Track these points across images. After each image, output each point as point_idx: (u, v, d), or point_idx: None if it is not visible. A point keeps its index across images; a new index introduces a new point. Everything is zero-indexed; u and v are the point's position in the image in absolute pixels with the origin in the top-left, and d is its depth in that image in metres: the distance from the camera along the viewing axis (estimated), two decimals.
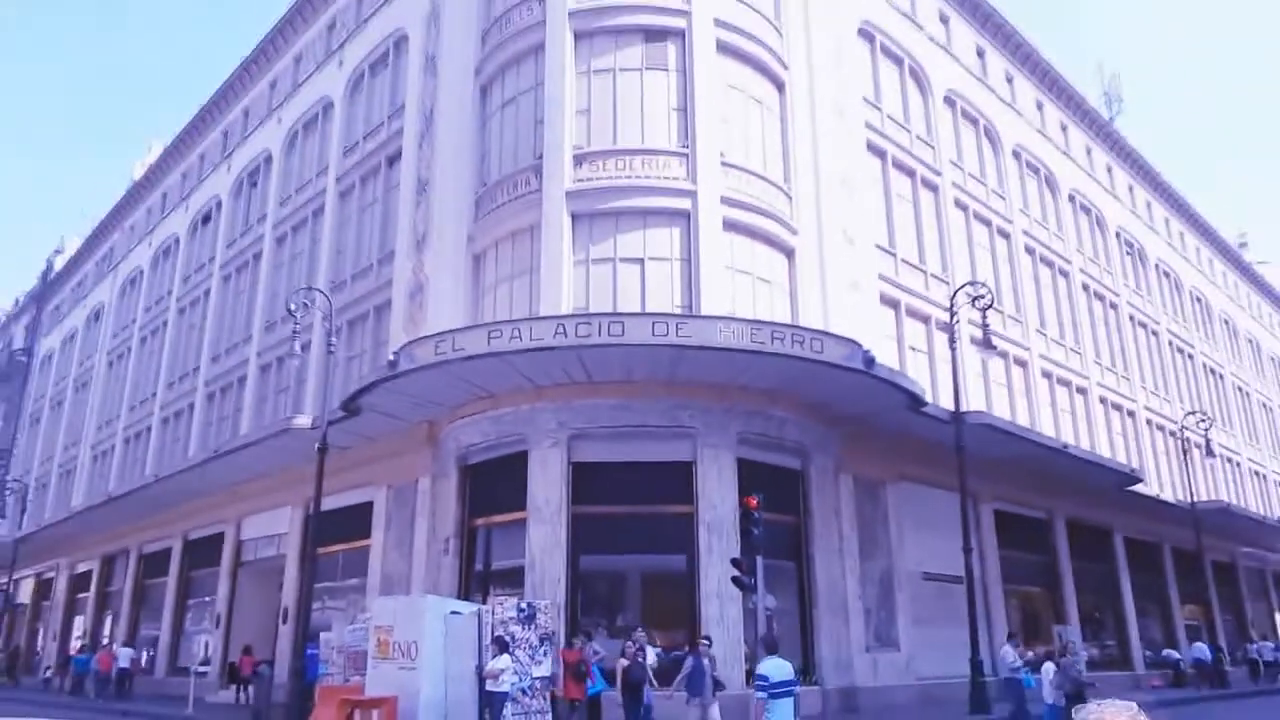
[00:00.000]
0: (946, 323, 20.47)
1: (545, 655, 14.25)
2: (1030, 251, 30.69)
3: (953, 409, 18.87)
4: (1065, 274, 32.49)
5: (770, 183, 20.61)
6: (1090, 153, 37.90)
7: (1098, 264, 35.13)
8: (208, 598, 27.88)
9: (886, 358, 21.07)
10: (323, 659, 16.67)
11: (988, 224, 28.88)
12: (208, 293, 32.76)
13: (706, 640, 14.14)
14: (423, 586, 18.52)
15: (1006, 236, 29.57)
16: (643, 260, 18.80)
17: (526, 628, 14.17)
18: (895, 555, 20.59)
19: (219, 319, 31.48)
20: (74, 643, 35.41)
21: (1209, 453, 31.45)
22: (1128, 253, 38.29)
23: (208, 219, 35.02)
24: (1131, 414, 33.91)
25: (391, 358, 17.41)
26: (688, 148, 19.45)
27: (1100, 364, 32.63)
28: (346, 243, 25.93)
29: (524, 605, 14.59)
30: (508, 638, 13.58)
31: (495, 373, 16.97)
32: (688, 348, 15.87)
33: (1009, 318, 27.84)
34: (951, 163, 27.84)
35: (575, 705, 14.31)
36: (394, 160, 24.66)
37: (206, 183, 35.92)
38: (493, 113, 21.67)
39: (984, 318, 18.81)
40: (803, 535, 18.71)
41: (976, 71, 31.01)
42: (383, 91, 26.46)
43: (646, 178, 19.19)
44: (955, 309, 19.39)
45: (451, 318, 19.82)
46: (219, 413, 29.86)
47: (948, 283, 24.93)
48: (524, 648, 13.99)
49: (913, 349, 23.94)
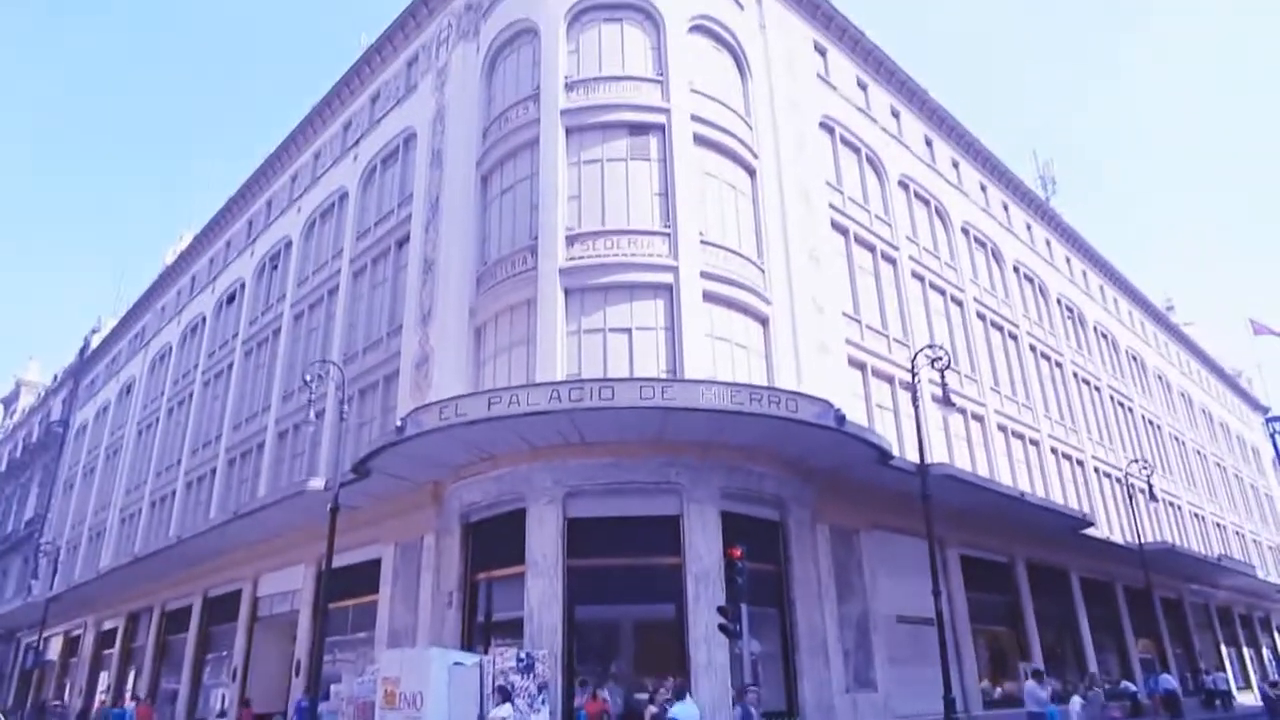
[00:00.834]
0: (909, 382, 20.38)
1: (544, 704, 13.74)
2: (981, 317, 30.88)
3: (918, 462, 18.64)
4: (1014, 337, 32.66)
5: (745, 258, 20.71)
6: (1030, 228, 38.48)
7: (1042, 327, 35.37)
8: (225, 652, 26.94)
9: (856, 415, 20.95)
10: (332, 709, 16.02)
11: (942, 292, 29.09)
12: (230, 366, 32.47)
13: (755, 690, 13.28)
14: (428, 639, 17.92)
15: (960, 303, 29.77)
16: (630, 330, 18.73)
17: (526, 677, 13.70)
18: (870, 599, 20.13)
19: (240, 390, 31.15)
20: (98, 697, 34.09)
21: (1152, 497, 31.20)
22: (1068, 317, 38.61)
23: (232, 299, 34.92)
24: (1080, 463, 33.75)
25: (399, 423, 17.19)
26: (669, 228, 19.57)
27: (1050, 418, 32.59)
28: (358, 318, 25.83)
29: (523, 655, 14.13)
30: (509, 686, 13.09)
31: (495, 436, 16.73)
32: (673, 409, 15.71)
33: (966, 377, 27.86)
34: (908, 238, 28.16)
35: None
36: (403, 243, 24.74)
37: (232, 266, 35.93)
38: (492, 199, 21.81)
39: (943, 377, 18.72)
40: (784, 582, 18.28)
41: (926, 158, 31.60)
42: (393, 182, 26.68)
43: (632, 255, 19.26)
44: (916, 370, 19.32)
45: (454, 385, 19.63)
46: (239, 476, 29.30)
47: (909, 346, 24.99)
48: (524, 696, 13.49)
49: (879, 407, 23.82)
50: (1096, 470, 34.59)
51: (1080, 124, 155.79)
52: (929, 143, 32.33)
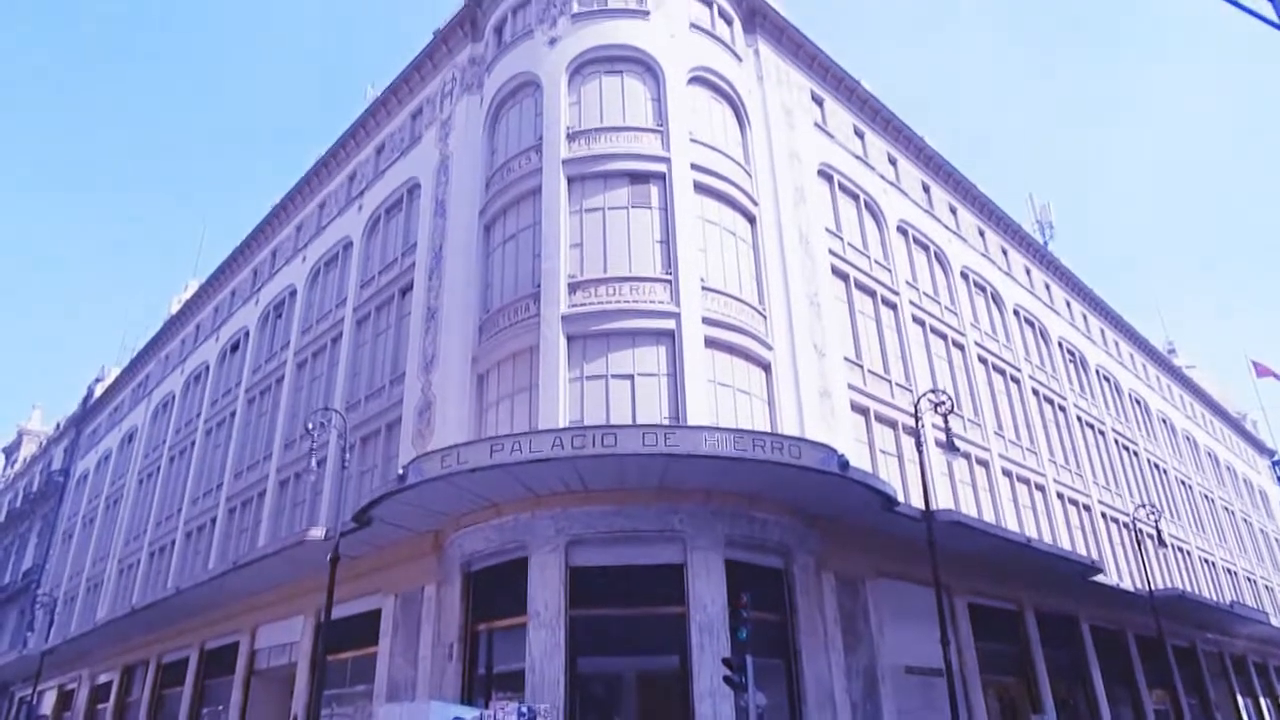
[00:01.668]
0: (912, 427, 20.26)
1: None
2: (983, 361, 30.84)
3: (923, 508, 18.43)
4: (1016, 380, 32.58)
5: (746, 304, 20.77)
6: (1030, 272, 38.65)
7: (1044, 371, 35.30)
8: (221, 706, 26.35)
9: (860, 461, 20.80)
10: None
11: (944, 337, 29.10)
12: (233, 414, 32.40)
13: None
14: (427, 691, 17.55)
15: (961, 347, 29.76)
16: (632, 376, 18.71)
17: None
18: (877, 650, 19.73)
19: (242, 438, 31.03)
20: None
21: (1160, 543, 30.74)
22: (1070, 360, 38.55)
23: (236, 347, 35.00)
24: (1087, 508, 33.39)
25: (401, 471, 17.07)
26: (671, 275, 19.67)
27: (1055, 462, 32.33)
28: (361, 365, 25.84)
29: (525, 709, 13.79)
30: None
31: (498, 483, 16.59)
32: (676, 456, 15.60)
33: (969, 421, 27.71)
34: (908, 283, 28.27)
35: None
36: (406, 291, 24.86)
37: (237, 315, 36.08)
38: (495, 248, 21.98)
39: (945, 422, 18.61)
40: (789, 632, 17.94)
41: (924, 204, 31.89)
42: (397, 231, 26.91)
43: (634, 302, 19.32)
44: (919, 415, 19.22)
45: (457, 433, 19.54)
46: (239, 526, 29.03)
47: (911, 390, 24.91)
48: None
49: (883, 452, 23.65)
50: (1103, 515, 34.19)
51: (1077, 167, 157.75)
52: (926, 189, 32.65)
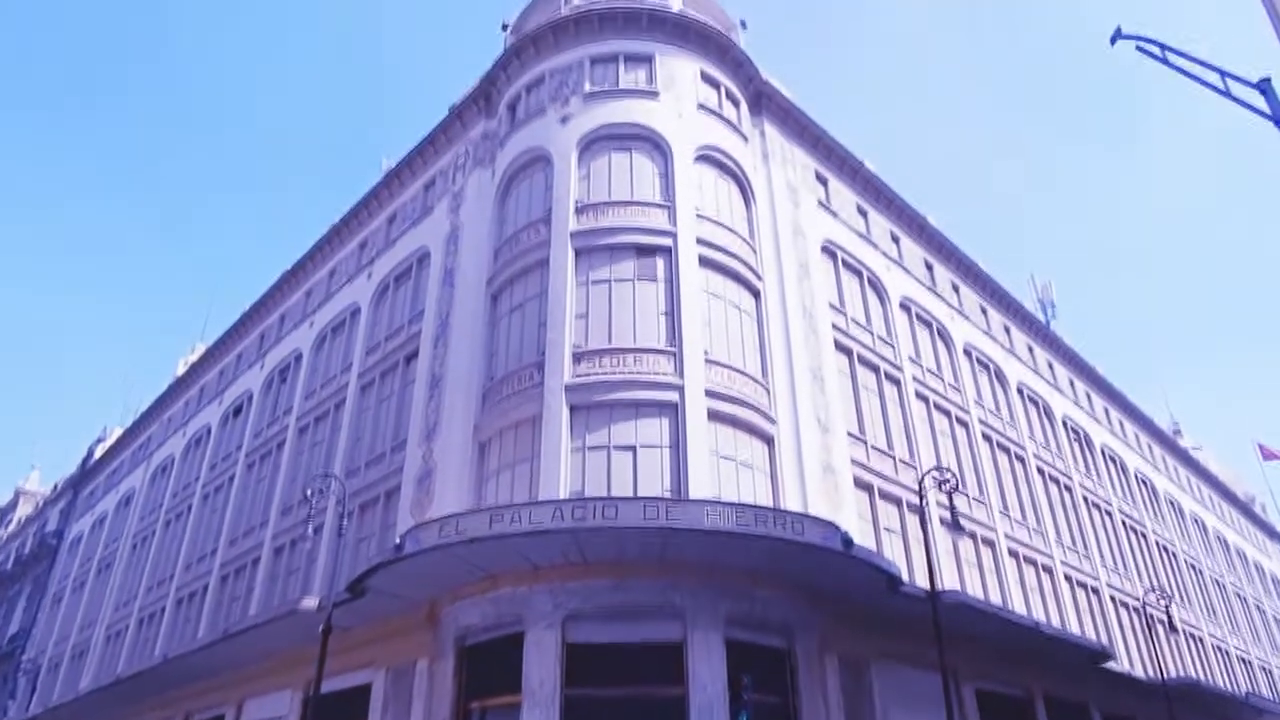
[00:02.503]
0: (917, 505, 20.04)
1: None
2: (987, 439, 30.67)
3: (928, 588, 18.05)
4: (1021, 459, 32.32)
5: (749, 377, 20.79)
6: (1032, 350, 38.76)
7: (1049, 450, 35.06)
8: None
9: (864, 539, 20.50)
10: None
11: (947, 414, 29.01)
12: (231, 479, 32.16)
13: None
14: None
15: (965, 425, 29.64)
16: (634, 448, 18.60)
17: None
18: None
19: (239, 503, 30.73)
20: None
21: (1172, 629, 29.98)
22: (1075, 440, 38.33)
23: (239, 411, 34.97)
24: (1096, 591, 32.70)
25: (398, 540, 16.80)
26: (675, 347, 19.75)
27: (1062, 544, 31.82)
28: (363, 432, 25.76)
29: None
30: None
31: (496, 554, 16.32)
32: (677, 530, 15.38)
33: (974, 500, 27.39)
34: (910, 359, 28.34)
35: None
36: (411, 358, 24.96)
37: (241, 378, 36.17)
38: (501, 317, 22.15)
39: (950, 500, 18.38)
40: (791, 716, 17.34)
41: (926, 282, 32.21)
42: (405, 299, 27.18)
43: (638, 373, 19.35)
44: (924, 492, 19.01)
45: (457, 502, 19.34)
46: (231, 594, 28.49)
47: (915, 467, 24.71)
48: None
49: (887, 530, 23.32)
50: (1113, 599, 33.46)
51: (1079, 246, 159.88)
52: (929, 266, 33.02)
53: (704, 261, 21.40)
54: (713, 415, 19.31)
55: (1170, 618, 29.35)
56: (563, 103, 23.80)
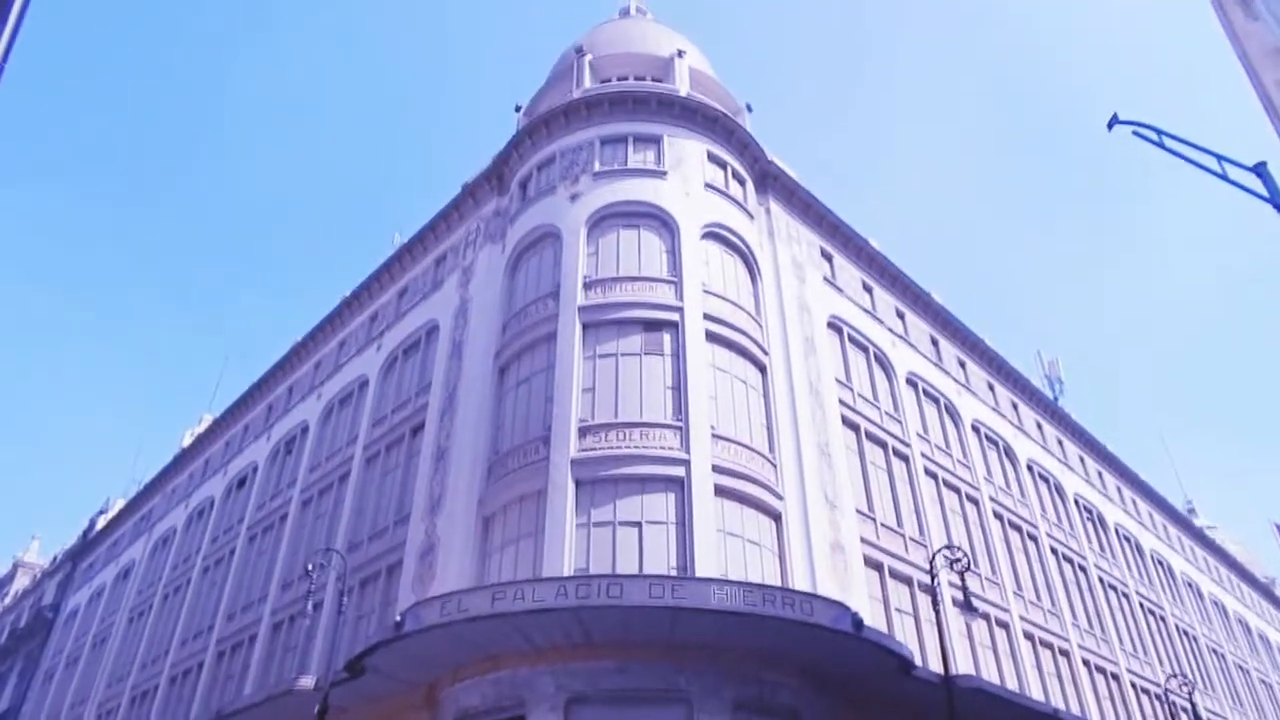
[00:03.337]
0: (928, 585, 19.60)
1: None
2: (999, 516, 30.20)
3: (942, 672, 17.50)
4: (1034, 538, 31.74)
5: (756, 452, 20.65)
6: (1041, 427, 38.49)
7: (1062, 529, 34.46)
8: None
9: (874, 620, 20.00)
10: None
11: (957, 491, 28.65)
12: (232, 552, 31.77)
13: None
14: None
15: (975, 502, 29.23)
16: (640, 524, 18.36)
17: None
18: None
19: (239, 577, 30.27)
20: None
21: (1196, 717, 28.96)
22: (1088, 518, 37.70)
23: (243, 483, 34.79)
24: (1115, 677, 31.65)
25: (399, 618, 16.49)
26: (681, 421, 19.70)
27: (1079, 626, 30.96)
28: (367, 505, 25.55)
29: None
30: None
31: (498, 633, 15.97)
32: (683, 609, 15.06)
33: (987, 580, 26.80)
34: (919, 435, 28.15)
35: None
36: (417, 430, 24.92)
37: (247, 450, 36.10)
38: (508, 390, 22.19)
39: (963, 580, 17.96)
40: None
41: (932, 357, 32.25)
42: (413, 371, 27.30)
43: (644, 448, 19.25)
44: (935, 571, 18.61)
45: (459, 578, 19.02)
46: (226, 672, 27.80)
47: (926, 546, 24.28)
48: None
49: (898, 610, 22.74)
50: (1133, 685, 32.37)
51: (1085, 321, 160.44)
52: (935, 342, 33.11)
53: (711, 336, 21.53)
54: (719, 491, 19.11)
55: (1194, 705, 28.38)
56: (573, 181, 24.36)
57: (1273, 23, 12.06)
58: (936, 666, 18.82)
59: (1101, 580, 34.97)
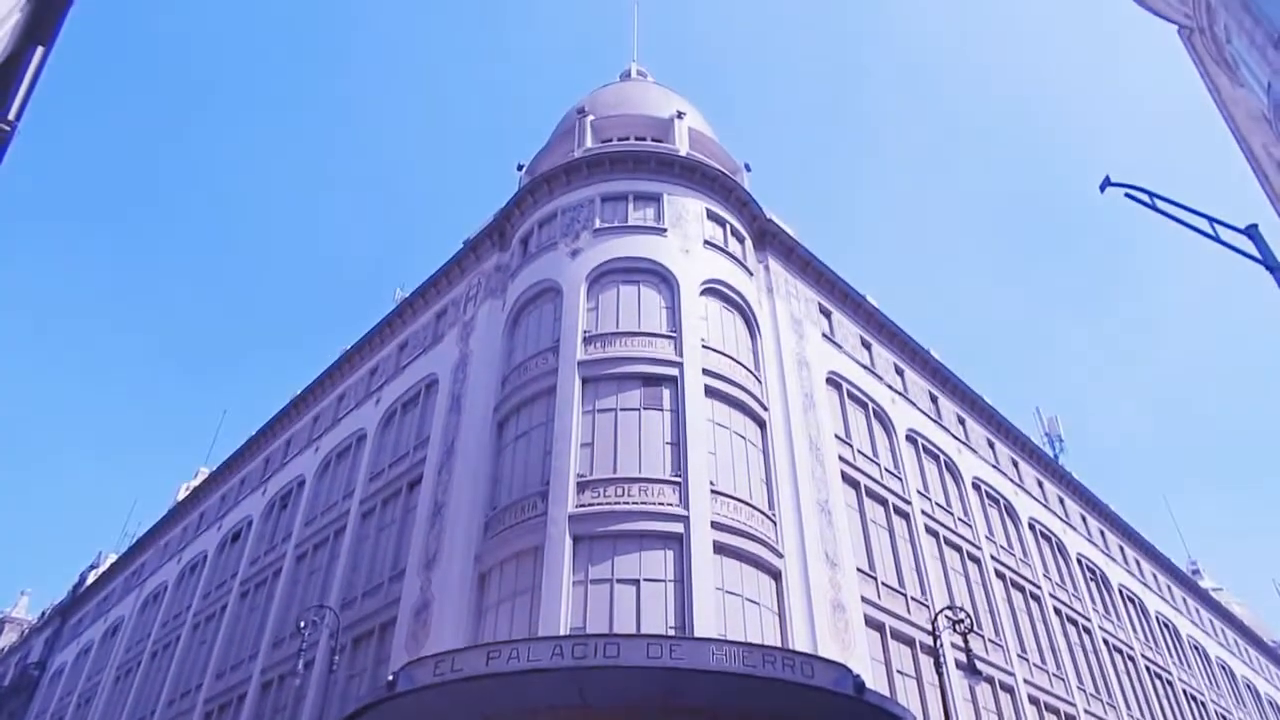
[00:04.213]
0: (931, 646, 19.21)
1: None
2: (1001, 576, 29.75)
3: None
4: (1036, 598, 31.24)
5: (756, 509, 20.45)
6: (1042, 485, 38.20)
7: (1065, 589, 33.93)
8: None
9: (876, 682, 19.55)
10: None
11: (958, 549, 28.29)
12: (224, 608, 31.19)
13: None
14: None
15: (977, 561, 28.83)
16: (638, 581, 18.07)
17: None
18: None
19: (230, 634, 29.66)
20: None
21: None
22: (1091, 579, 37.16)
23: (237, 537, 34.34)
24: None
25: (391, 677, 16.10)
26: (680, 477, 19.54)
27: (1085, 690, 30.25)
28: (362, 560, 25.17)
29: None
30: None
31: (493, 694, 15.56)
32: (682, 670, 14.72)
33: (990, 642, 26.27)
34: (919, 492, 27.91)
35: None
36: (414, 485, 24.70)
37: (243, 504, 35.72)
38: (506, 444, 22.07)
39: (966, 642, 17.62)
40: None
41: (932, 414, 32.17)
42: (411, 425, 27.18)
43: (643, 503, 19.06)
44: (938, 632, 18.27)
45: (454, 635, 18.63)
46: None
47: (927, 606, 23.87)
48: None
49: (900, 673, 22.23)
50: None
51: (1085, 380, 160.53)
52: (934, 399, 33.07)
53: (710, 391, 21.51)
54: (719, 548, 18.87)
55: None
56: (574, 237, 24.63)
57: (1258, 89, 12.36)
58: None
59: (1107, 642, 34.31)
